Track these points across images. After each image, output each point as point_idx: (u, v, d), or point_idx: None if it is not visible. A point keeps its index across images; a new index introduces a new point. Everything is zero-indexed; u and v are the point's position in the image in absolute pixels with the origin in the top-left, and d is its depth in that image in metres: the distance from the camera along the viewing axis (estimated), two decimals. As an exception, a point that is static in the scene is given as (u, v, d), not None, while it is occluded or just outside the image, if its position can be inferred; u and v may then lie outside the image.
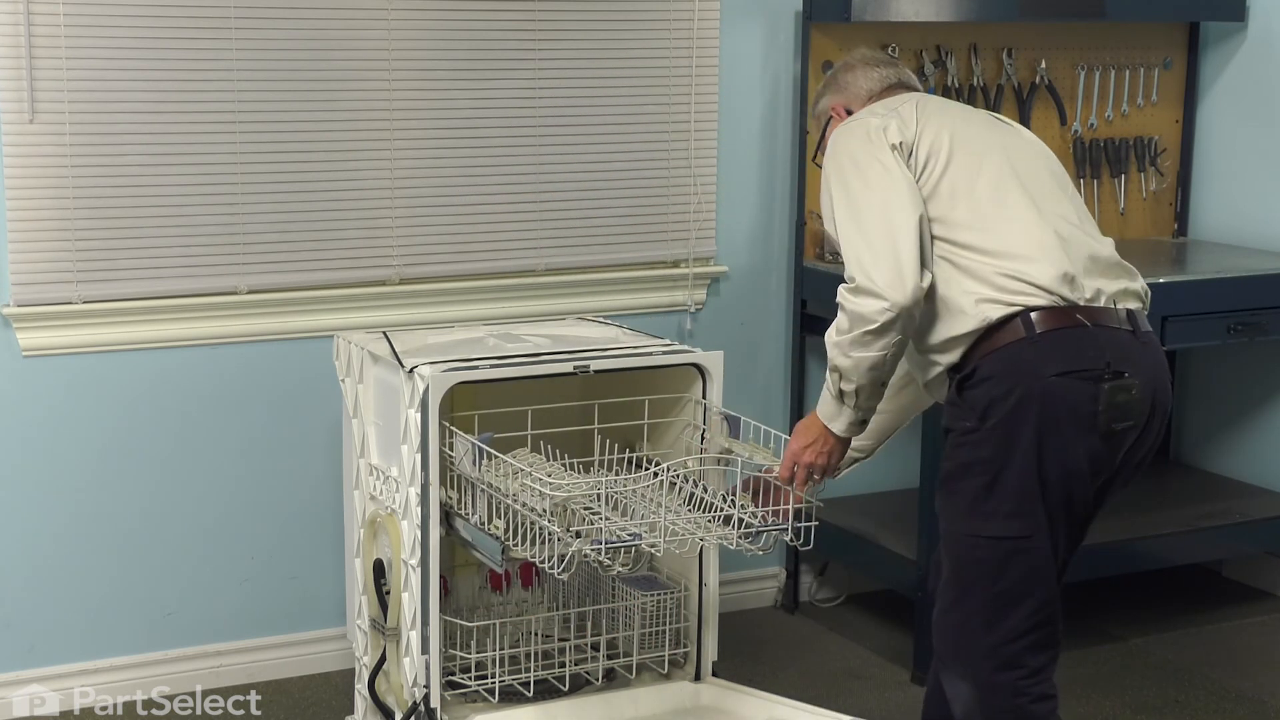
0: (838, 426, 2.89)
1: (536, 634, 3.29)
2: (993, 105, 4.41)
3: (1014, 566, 2.78)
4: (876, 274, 2.73)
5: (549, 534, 2.88)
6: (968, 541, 2.80)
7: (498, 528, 2.97)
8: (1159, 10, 4.54)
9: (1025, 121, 4.48)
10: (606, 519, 2.97)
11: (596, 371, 3.18)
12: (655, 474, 2.98)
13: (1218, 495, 4.57)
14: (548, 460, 3.11)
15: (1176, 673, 4.07)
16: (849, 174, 2.84)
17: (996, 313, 2.74)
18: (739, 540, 3.01)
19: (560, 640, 3.33)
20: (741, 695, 3.29)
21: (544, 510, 2.89)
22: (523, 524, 2.93)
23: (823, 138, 3.09)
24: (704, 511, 3.06)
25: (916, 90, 3.09)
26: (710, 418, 3.27)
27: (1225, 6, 4.53)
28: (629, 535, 2.90)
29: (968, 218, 2.80)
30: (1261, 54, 4.54)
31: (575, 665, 3.29)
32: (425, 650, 3.09)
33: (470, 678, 3.23)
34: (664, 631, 3.34)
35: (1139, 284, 2.88)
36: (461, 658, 3.26)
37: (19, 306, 3.60)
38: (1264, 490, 4.59)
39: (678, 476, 3.08)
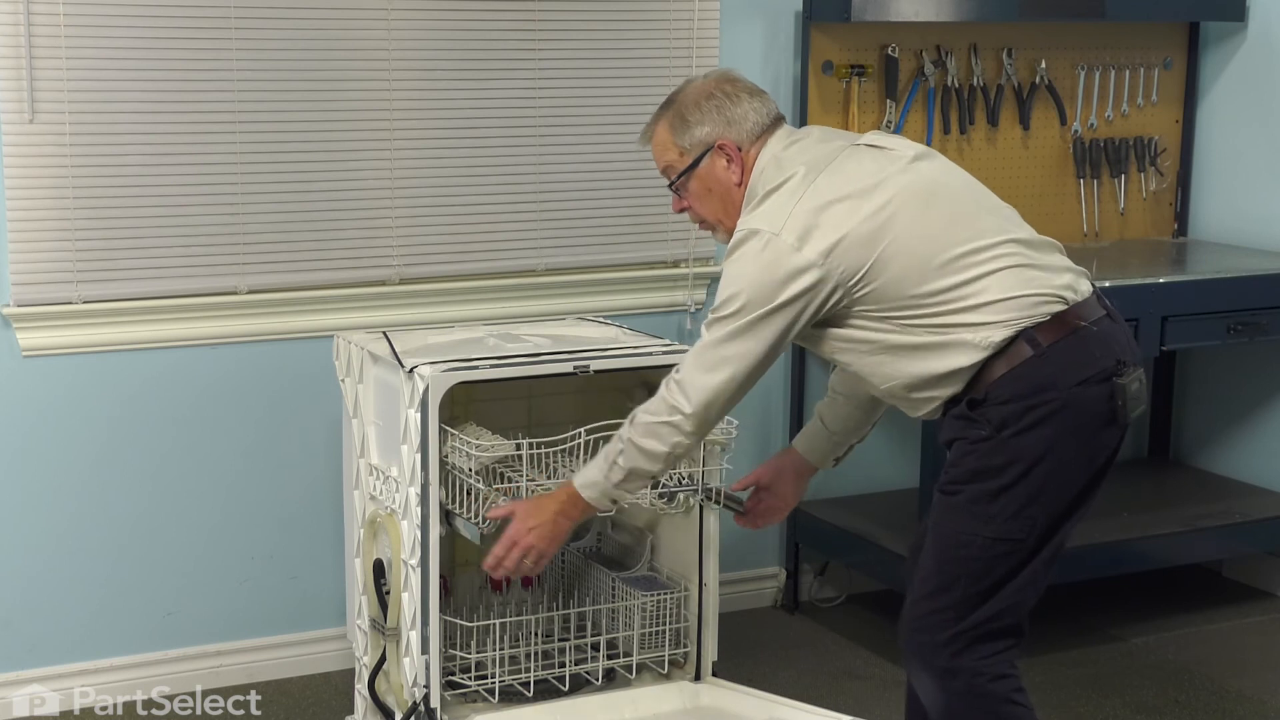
0: (591, 493, 2.88)
1: (536, 634, 3.29)
2: (992, 105, 4.41)
3: (1000, 565, 2.80)
4: (706, 412, 2.78)
5: (476, 491, 3.03)
6: (962, 539, 2.81)
7: (441, 492, 3.11)
8: (1159, 10, 4.54)
9: (1025, 122, 4.48)
10: (530, 479, 3.10)
11: (596, 371, 3.19)
12: (576, 436, 3.10)
13: (1218, 495, 4.57)
14: (490, 433, 3.18)
15: (1176, 673, 4.07)
16: (744, 308, 2.74)
17: (999, 335, 2.72)
18: (654, 500, 3.20)
19: (560, 640, 3.33)
20: (741, 695, 3.29)
21: (469, 470, 3.03)
22: (457, 485, 3.09)
23: (693, 167, 2.91)
24: None
25: (783, 117, 2.95)
26: (634, 391, 3.34)
27: (1225, 6, 4.53)
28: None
29: (935, 282, 2.74)
30: (1261, 54, 4.54)
31: (575, 665, 3.30)
32: (425, 650, 3.09)
33: (470, 678, 3.24)
34: (664, 631, 3.34)
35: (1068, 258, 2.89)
36: (461, 658, 3.26)
37: (19, 306, 3.60)
38: (1264, 490, 4.59)
39: (605, 441, 3.13)
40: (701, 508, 3.28)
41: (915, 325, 2.74)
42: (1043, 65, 4.48)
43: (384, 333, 3.41)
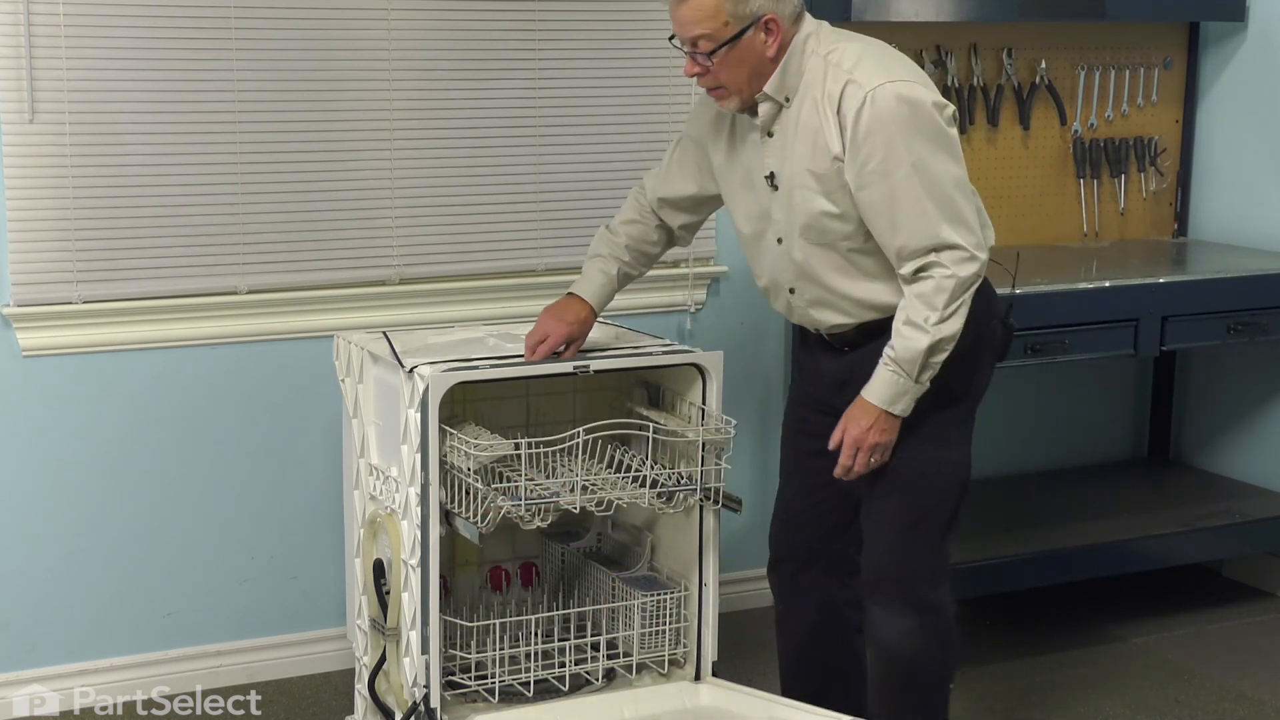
0: (901, 406, 2.92)
1: (536, 634, 3.29)
2: (992, 105, 4.41)
3: (956, 491, 3.04)
4: (968, 240, 2.87)
5: (475, 491, 3.03)
6: (933, 465, 3.00)
7: (441, 492, 3.11)
8: (1159, 10, 4.54)
9: (1025, 122, 4.48)
10: (529, 479, 3.10)
11: (596, 371, 3.19)
12: (574, 436, 3.11)
13: (1218, 495, 4.58)
14: (489, 432, 3.18)
15: (1176, 673, 4.07)
16: (940, 139, 2.86)
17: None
18: (651, 499, 3.19)
19: (560, 640, 3.33)
20: (741, 695, 3.29)
21: (468, 469, 3.03)
22: (456, 485, 3.09)
23: (735, 39, 2.87)
24: (624, 473, 3.22)
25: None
26: (633, 391, 3.37)
27: (1225, 6, 4.53)
28: (549, 494, 3.08)
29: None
30: (1261, 54, 4.54)
31: (575, 665, 3.29)
32: (425, 650, 3.09)
33: (470, 678, 3.24)
34: (664, 631, 3.34)
35: None
36: (461, 658, 3.26)
37: (19, 306, 3.60)
38: (1264, 490, 4.59)
39: (599, 442, 3.19)
40: (701, 508, 3.28)
41: None
42: (1043, 65, 4.48)
43: (384, 333, 3.41)
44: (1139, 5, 4.45)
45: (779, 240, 3.03)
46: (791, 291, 3.06)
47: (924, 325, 2.84)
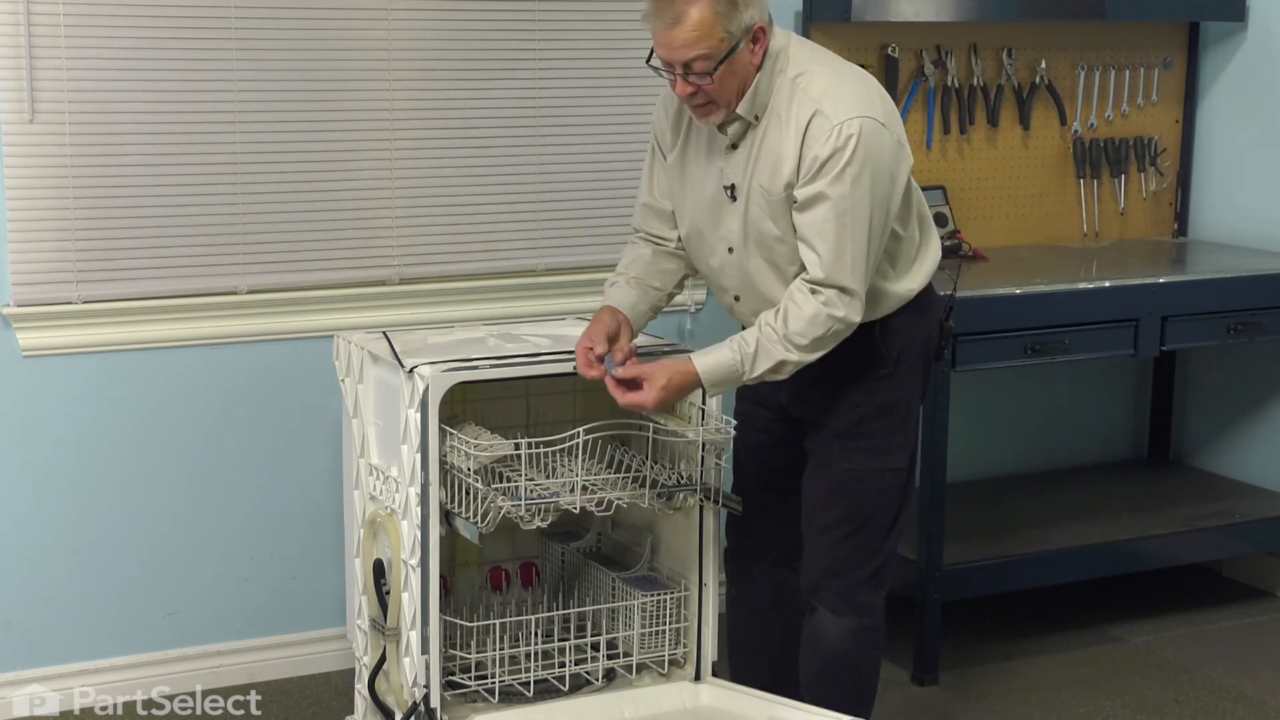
0: (716, 392, 3.02)
1: (536, 634, 3.29)
2: (993, 105, 4.41)
3: (897, 496, 3.09)
4: (862, 293, 2.89)
5: (476, 491, 3.04)
6: (874, 475, 3.05)
7: (441, 492, 3.11)
8: (1159, 10, 4.54)
9: (1025, 122, 4.48)
10: (529, 479, 3.11)
11: (596, 371, 3.19)
12: (574, 436, 3.10)
13: (1218, 495, 4.58)
14: (489, 432, 3.18)
15: (1176, 673, 4.07)
16: (883, 191, 2.86)
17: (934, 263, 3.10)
18: (651, 499, 3.20)
19: (560, 640, 3.33)
20: (741, 695, 3.29)
21: (469, 469, 3.04)
22: (456, 485, 3.10)
23: (731, 52, 2.84)
24: (624, 473, 3.22)
25: None
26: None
27: (1225, 6, 4.53)
28: (549, 494, 3.09)
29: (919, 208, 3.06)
30: (1261, 54, 4.54)
31: (575, 665, 3.30)
32: (425, 650, 3.09)
33: (470, 678, 3.24)
34: (664, 631, 3.34)
35: None
36: (461, 658, 3.26)
37: (19, 306, 3.60)
38: (1264, 490, 4.59)
39: (599, 442, 3.18)
40: (701, 508, 3.29)
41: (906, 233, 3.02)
42: (1043, 65, 4.48)
43: (384, 333, 3.40)
44: (1139, 5, 4.45)
45: (730, 250, 3.04)
46: (736, 299, 3.10)
47: (792, 343, 2.87)
